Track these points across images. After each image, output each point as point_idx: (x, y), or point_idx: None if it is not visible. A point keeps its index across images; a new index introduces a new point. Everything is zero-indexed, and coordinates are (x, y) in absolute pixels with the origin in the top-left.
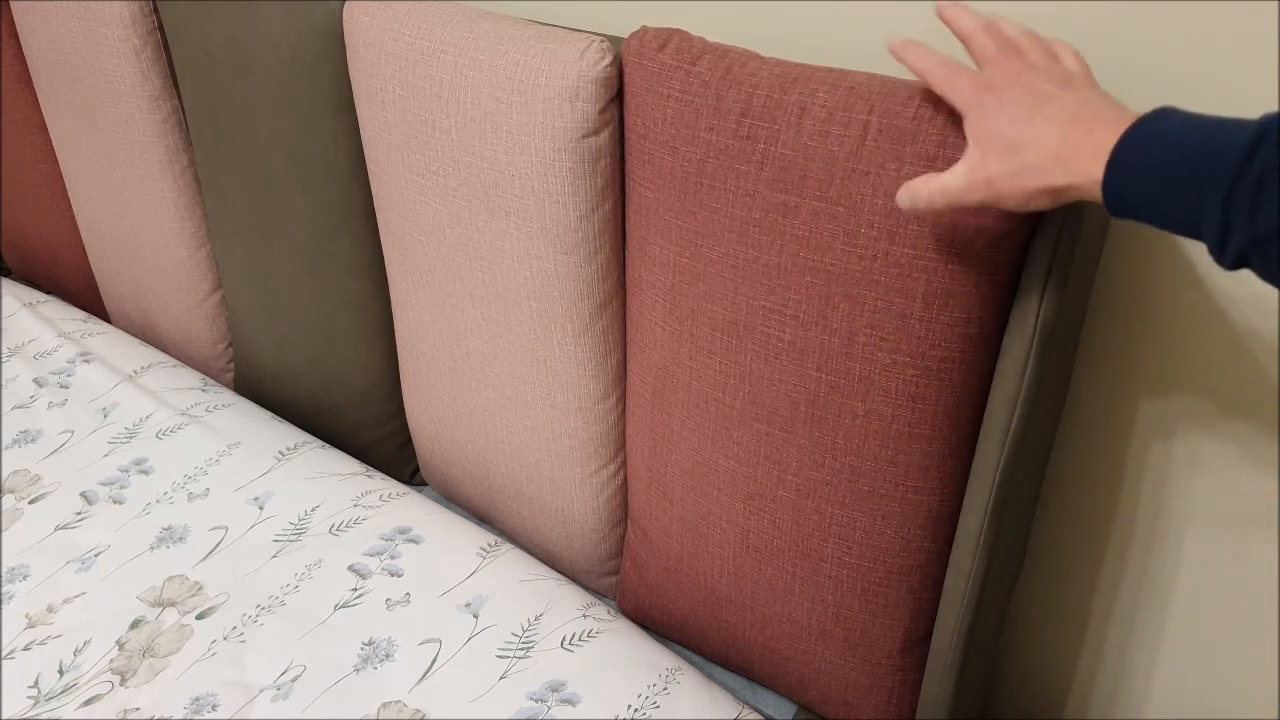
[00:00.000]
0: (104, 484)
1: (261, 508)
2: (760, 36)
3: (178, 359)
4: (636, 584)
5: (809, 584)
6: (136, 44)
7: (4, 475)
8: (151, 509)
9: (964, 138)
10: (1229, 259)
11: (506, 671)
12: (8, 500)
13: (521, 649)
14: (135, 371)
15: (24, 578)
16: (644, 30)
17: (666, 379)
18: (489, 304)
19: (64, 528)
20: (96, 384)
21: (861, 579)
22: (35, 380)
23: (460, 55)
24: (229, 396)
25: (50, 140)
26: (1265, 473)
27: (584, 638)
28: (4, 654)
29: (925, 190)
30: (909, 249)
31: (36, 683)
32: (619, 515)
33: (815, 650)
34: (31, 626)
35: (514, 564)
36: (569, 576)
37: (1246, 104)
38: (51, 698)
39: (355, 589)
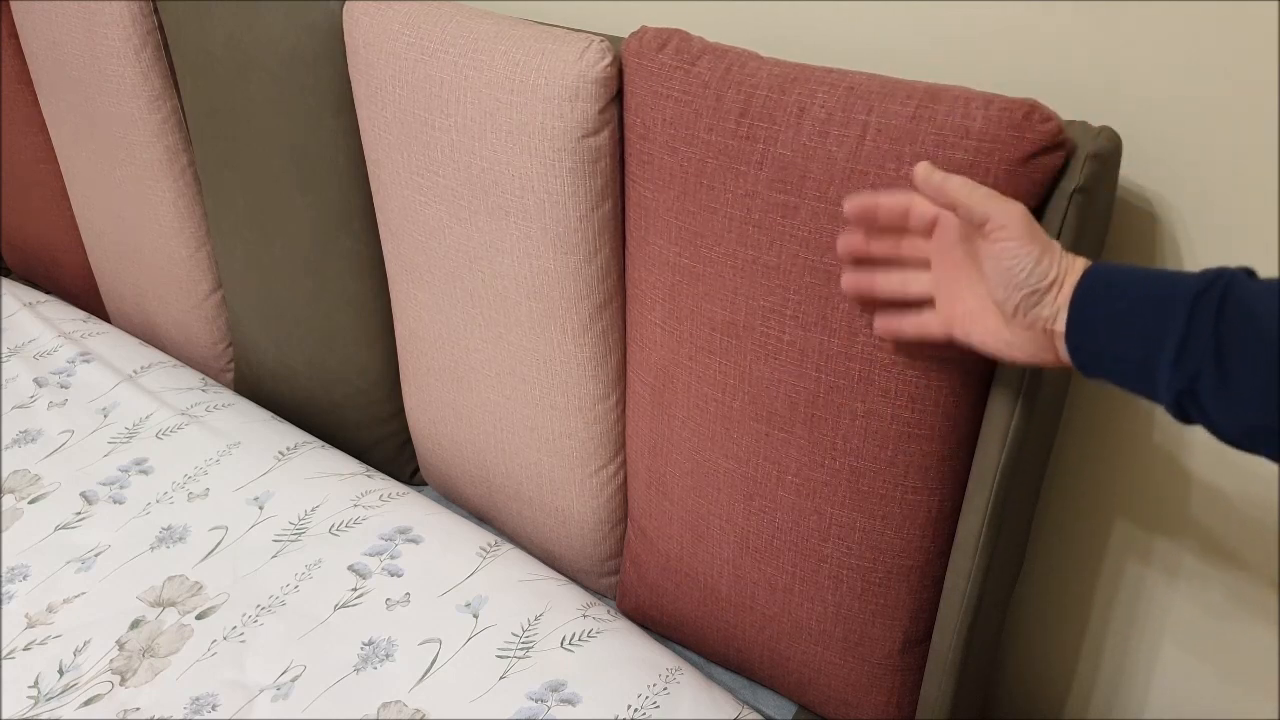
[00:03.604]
0: (104, 484)
1: (261, 508)
2: (760, 36)
3: (178, 359)
4: (636, 584)
5: (809, 584)
6: (136, 44)
7: (4, 475)
8: (151, 509)
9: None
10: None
11: (506, 671)
12: (8, 500)
13: (521, 649)
14: (135, 371)
15: (24, 578)
16: (644, 30)
17: (666, 379)
18: (489, 304)
19: (64, 528)
20: (96, 384)
21: (861, 579)
22: (35, 380)
23: (460, 55)
24: (229, 396)
25: (50, 140)
26: (1268, 467)
27: (584, 638)
28: (4, 654)
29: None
30: None
31: (36, 683)
32: (619, 515)
33: (815, 650)
34: (31, 626)
35: (514, 564)
36: (569, 576)
37: (1246, 102)
38: (51, 698)
39: (355, 589)
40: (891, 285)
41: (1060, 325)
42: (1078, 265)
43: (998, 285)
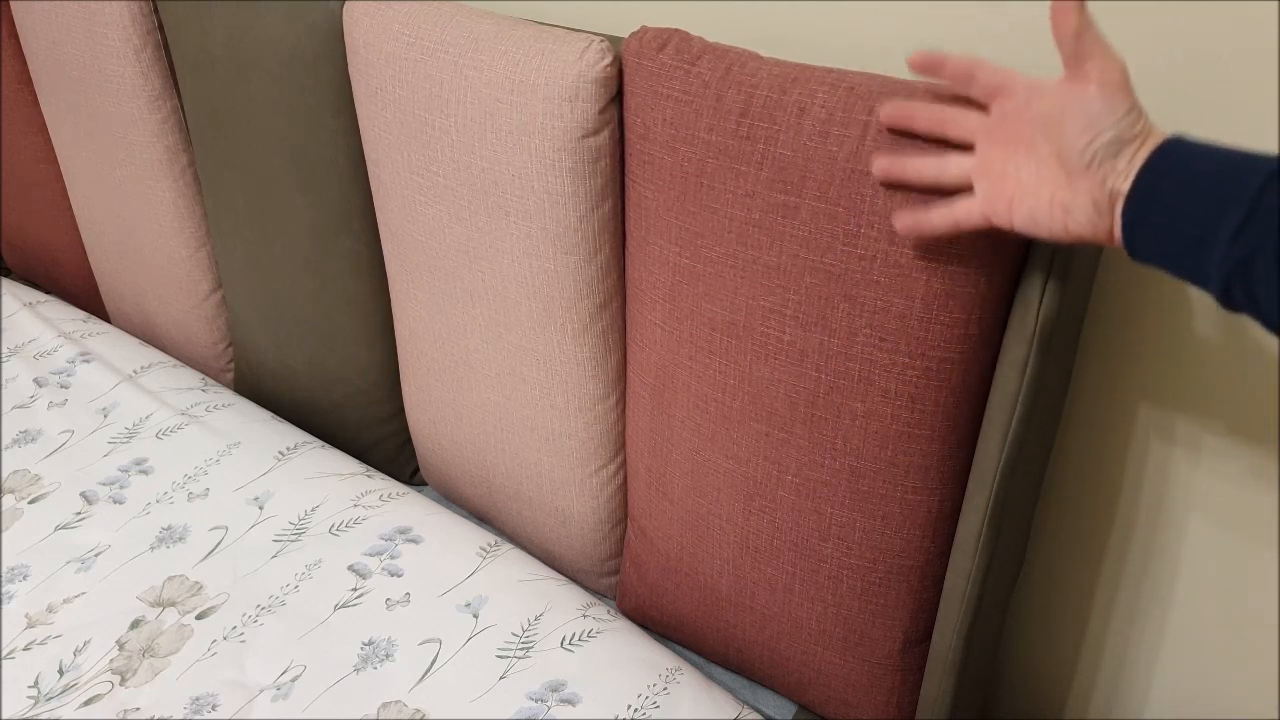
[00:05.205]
0: (104, 484)
1: (261, 508)
2: (760, 36)
3: (178, 359)
4: (636, 584)
5: (809, 584)
6: (136, 44)
7: (4, 475)
8: (151, 509)
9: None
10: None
11: (506, 671)
12: (8, 500)
13: (521, 649)
14: (135, 371)
15: (24, 578)
16: (644, 30)
17: (666, 379)
18: (489, 304)
19: (64, 528)
20: (96, 384)
21: (861, 579)
22: (35, 380)
23: (460, 55)
24: (229, 396)
25: (50, 140)
26: (1266, 472)
27: (584, 638)
28: (4, 654)
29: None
30: (909, 250)
31: (36, 683)
32: (619, 515)
33: (815, 650)
34: (31, 626)
35: (514, 564)
36: (569, 576)
37: (1246, 103)
38: (51, 698)
39: (355, 589)
40: (926, 168)
41: (1127, 184)
42: (1158, 135)
43: (1082, 131)
